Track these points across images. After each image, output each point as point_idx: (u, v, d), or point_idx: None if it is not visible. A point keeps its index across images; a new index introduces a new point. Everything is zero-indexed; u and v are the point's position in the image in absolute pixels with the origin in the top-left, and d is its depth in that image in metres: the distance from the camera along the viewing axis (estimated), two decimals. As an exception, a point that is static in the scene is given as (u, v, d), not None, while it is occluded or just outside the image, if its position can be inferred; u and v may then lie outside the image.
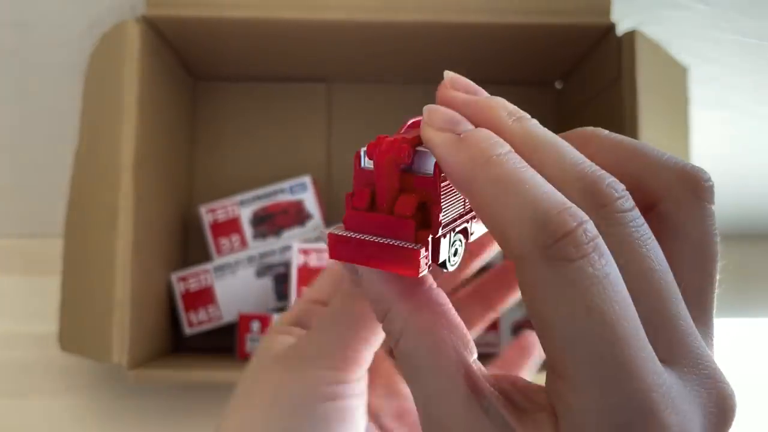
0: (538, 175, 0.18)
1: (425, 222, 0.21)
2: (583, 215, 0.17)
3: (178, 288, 0.63)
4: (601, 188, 0.18)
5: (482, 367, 0.21)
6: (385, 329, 0.22)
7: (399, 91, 0.74)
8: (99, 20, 0.67)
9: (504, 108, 0.22)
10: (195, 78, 0.73)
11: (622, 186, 0.19)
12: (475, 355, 0.21)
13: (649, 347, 0.17)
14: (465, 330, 0.21)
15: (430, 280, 0.22)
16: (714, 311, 0.20)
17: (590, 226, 0.17)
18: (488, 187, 0.18)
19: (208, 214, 0.66)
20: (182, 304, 0.63)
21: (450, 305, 0.22)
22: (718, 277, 0.20)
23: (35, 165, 0.71)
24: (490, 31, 0.60)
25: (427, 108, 0.22)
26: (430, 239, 0.20)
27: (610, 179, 0.19)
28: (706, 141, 0.72)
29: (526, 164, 0.19)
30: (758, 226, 0.89)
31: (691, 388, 0.18)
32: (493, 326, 0.66)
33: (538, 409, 0.19)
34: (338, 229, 0.21)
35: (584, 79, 0.67)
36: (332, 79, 0.74)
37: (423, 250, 0.20)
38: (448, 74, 0.23)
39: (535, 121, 0.21)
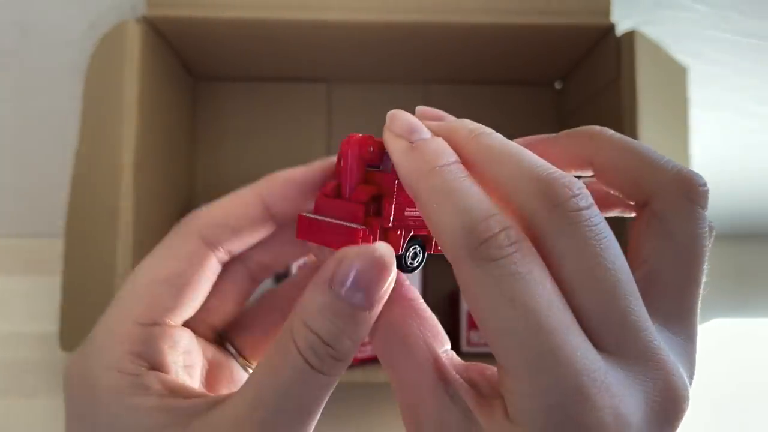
0: (475, 186, 0.20)
1: (378, 211, 0.23)
2: (507, 222, 0.19)
3: (179, 288, 0.63)
4: (555, 188, 0.19)
5: (455, 356, 0.22)
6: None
7: (399, 91, 0.74)
8: (99, 20, 0.67)
9: (464, 127, 0.23)
10: (195, 78, 0.73)
11: (579, 184, 0.20)
12: (447, 346, 0.22)
13: (582, 336, 0.18)
14: (435, 322, 0.22)
15: (402, 275, 0.23)
16: (696, 312, 0.21)
17: (513, 232, 0.19)
18: (429, 195, 0.20)
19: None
20: (182, 303, 0.63)
21: (420, 300, 0.23)
22: (704, 279, 0.21)
23: (36, 165, 0.71)
24: (490, 32, 0.60)
25: (390, 113, 0.23)
26: (379, 227, 0.22)
27: (566, 179, 0.20)
28: (706, 141, 0.72)
29: (466, 175, 0.20)
30: (758, 226, 0.90)
31: (634, 376, 0.18)
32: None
33: (496, 395, 0.20)
34: (308, 213, 0.23)
35: (584, 79, 0.67)
36: (332, 79, 0.74)
37: (366, 231, 0.22)
38: (419, 108, 0.24)
39: (496, 135, 0.22)
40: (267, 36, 0.61)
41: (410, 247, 0.23)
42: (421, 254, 0.24)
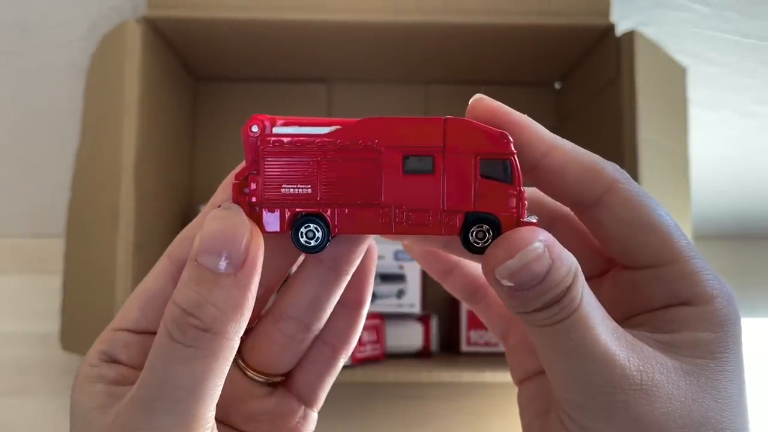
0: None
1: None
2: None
3: (179, 288, 0.63)
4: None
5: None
6: (563, 303, 0.21)
7: (399, 91, 0.74)
8: (100, 21, 0.67)
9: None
10: (195, 78, 0.73)
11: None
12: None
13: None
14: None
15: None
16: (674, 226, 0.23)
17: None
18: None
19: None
20: (183, 303, 0.63)
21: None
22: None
23: (36, 165, 0.71)
24: (490, 32, 0.60)
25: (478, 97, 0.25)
26: (248, 204, 0.22)
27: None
28: (705, 141, 0.72)
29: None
30: (758, 227, 0.90)
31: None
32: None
33: (664, 316, 0.23)
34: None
35: (583, 79, 0.67)
36: (333, 79, 0.74)
37: (235, 207, 0.22)
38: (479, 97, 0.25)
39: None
40: (267, 36, 0.61)
41: (302, 224, 0.22)
42: (319, 233, 0.22)
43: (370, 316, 0.62)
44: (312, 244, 0.22)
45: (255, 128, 0.23)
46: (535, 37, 0.61)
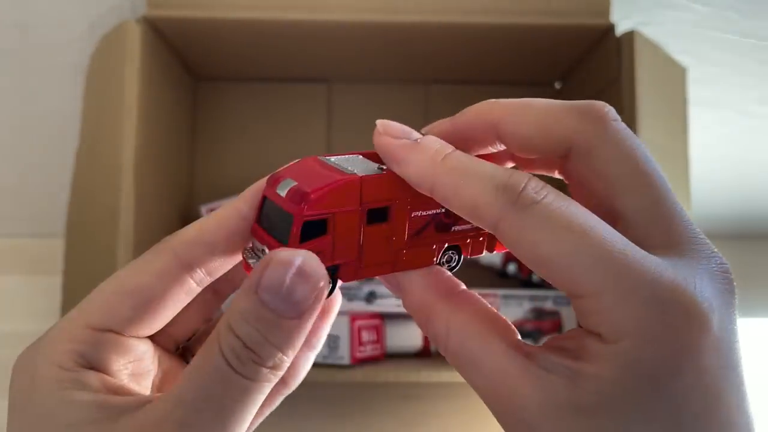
0: (483, 159, 0.22)
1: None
2: (527, 174, 0.21)
3: (179, 288, 0.63)
4: (509, 184, 0.20)
5: (527, 344, 0.22)
6: (430, 334, 0.23)
7: (399, 91, 0.74)
8: (100, 21, 0.67)
9: (430, 147, 0.23)
10: (195, 78, 0.73)
11: (525, 176, 0.21)
12: (518, 336, 0.22)
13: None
14: (504, 318, 0.23)
15: (462, 285, 0.24)
16: (670, 194, 0.22)
17: (536, 180, 0.20)
18: (450, 176, 0.21)
19: (208, 213, 0.66)
20: (183, 303, 0.63)
21: (484, 302, 0.24)
22: (658, 167, 0.22)
23: (36, 165, 0.71)
24: (490, 32, 0.60)
25: (380, 122, 0.24)
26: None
27: (514, 176, 0.21)
28: (705, 141, 0.72)
29: (470, 155, 0.22)
30: (758, 227, 0.90)
31: (696, 262, 0.20)
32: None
33: (581, 341, 0.20)
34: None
35: (583, 79, 0.67)
36: (333, 79, 0.74)
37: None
38: (380, 122, 0.24)
39: (458, 152, 0.23)
40: (267, 36, 0.61)
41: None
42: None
43: (370, 316, 0.62)
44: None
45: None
46: (535, 37, 0.61)
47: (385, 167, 0.24)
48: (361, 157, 0.25)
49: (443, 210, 0.24)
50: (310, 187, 0.21)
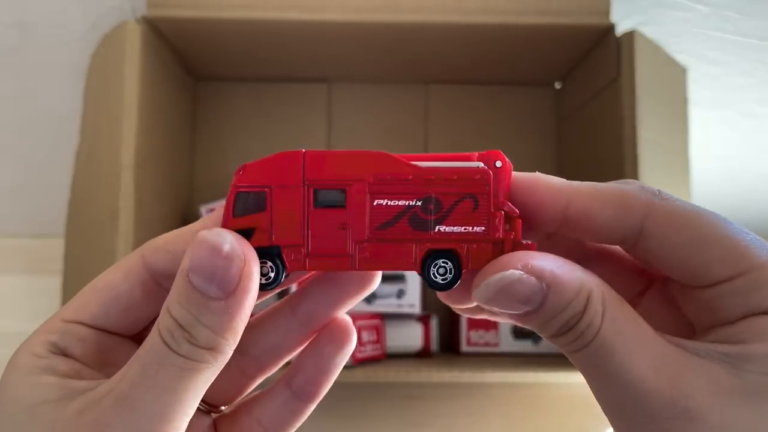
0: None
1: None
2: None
3: (179, 288, 0.63)
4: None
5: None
6: (583, 323, 0.20)
7: (399, 91, 0.74)
8: (100, 21, 0.67)
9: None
10: (195, 78, 0.73)
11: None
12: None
13: None
14: None
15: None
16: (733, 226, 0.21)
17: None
18: None
19: (208, 213, 0.66)
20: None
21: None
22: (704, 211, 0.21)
23: (36, 165, 0.71)
24: (490, 32, 0.60)
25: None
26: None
27: None
28: (705, 141, 0.72)
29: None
30: (758, 226, 0.90)
31: None
32: (493, 326, 0.66)
33: (737, 327, 0.20)
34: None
35: (583, 79, 0.67)
36: (333, 79, 0.74)
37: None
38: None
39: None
40: (267, 36, 0.61)
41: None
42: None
43: (371, 316, 0.62)
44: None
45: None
46: (535, 37, 0.61)
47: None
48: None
49: (418, 202, 0.21)
50: (251, 162, 0.21)
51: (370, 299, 0.62)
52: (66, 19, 0.68)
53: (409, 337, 0.65)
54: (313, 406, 0.26)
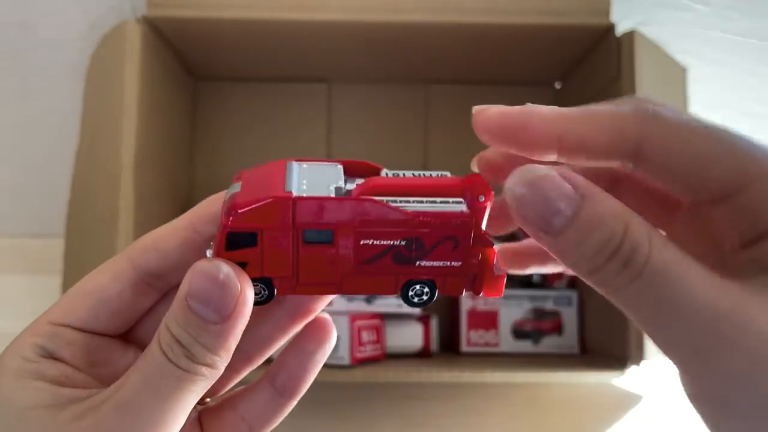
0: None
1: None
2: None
3: (179, 288, 0.63)
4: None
5: None
6: (627, 246, 0.19)
7: (399, 91, 0.74)
8: (100, 21, 0.67)
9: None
10: (195, 78, 0.73)
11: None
12: None
13: None
14: None
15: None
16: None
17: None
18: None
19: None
20: (183, 303, 0.63)
21: None
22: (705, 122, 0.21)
23: (36, 165, 0.71)
24: (490, 31, 0.60)
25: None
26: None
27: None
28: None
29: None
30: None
31: None
32: (493, 325, 0.66)
33: None
34: None
35: (583, 79, 0.67)
36: (333, 79, 0.74)
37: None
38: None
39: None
40: (267, 36, 0.61)
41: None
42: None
43: (370, 316, 0.62)
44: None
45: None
46: (535, 37, 0.61)
47: (356, 184, 0.23)
48: (339, 167, 0.24)
49: (402, 242, 0.22)
50: (242, 199, 0.22)
51: (370, 299, 0.62)
52: (66, 19, 0.68)
53: (409, 337, 0.65)
54: (294, 403, 0.27)
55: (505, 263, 0.27)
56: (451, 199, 0.23)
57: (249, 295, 0.22)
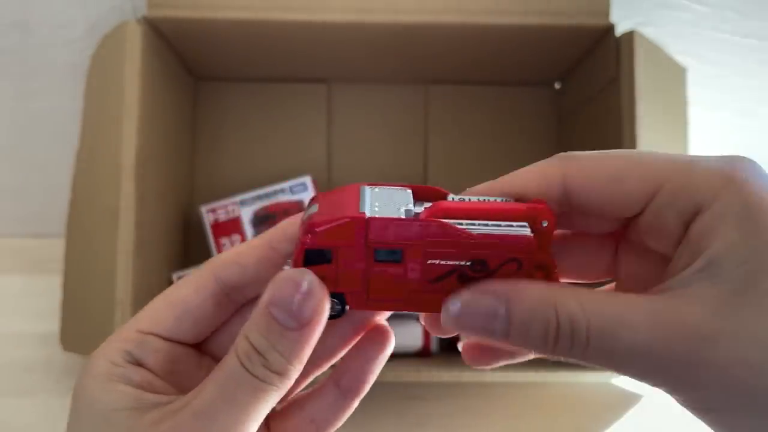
0: None
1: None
2: None
3: (179, 288, 0.63)
4: None
5: None
6: (563, 322, 0.21)
7: (399, 91, 0.74)
8: (100, 21, 0.67)
9: None
10: (195, 78, 0.73)
11: None
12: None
13: None
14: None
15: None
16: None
17: None
18: None
19: (209, 214, 0.66)
20: (183, 303, 0.63)
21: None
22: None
23: (37, 165, 0.71)
24: (489, 32, 0.60)
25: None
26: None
27: None
28: (705, 142, 0.72)
29: None
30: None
31: None
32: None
33: (687, 248, 0.21)
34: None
35: (583, 79, 0.67)
36: (333, 79, 0.74)
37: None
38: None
39: None
40: (267, 36, 0.61)
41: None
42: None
43: (370, 316, 0.62)
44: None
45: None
46: (535, 37, 0.61)
47: (424, 207, 0.24)
48: (408, 191, 0.25)
49: (468, 263, 0.23)
50: (320, 219, 0.24)
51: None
52: (66, 20, 0.68)
53: (409, 337, 0.65)
54: (356, 404, 0.29)
55: (471, 361, 0.30)
56: (515, 223, 0.24)
57: (327, 304, 0.23)
